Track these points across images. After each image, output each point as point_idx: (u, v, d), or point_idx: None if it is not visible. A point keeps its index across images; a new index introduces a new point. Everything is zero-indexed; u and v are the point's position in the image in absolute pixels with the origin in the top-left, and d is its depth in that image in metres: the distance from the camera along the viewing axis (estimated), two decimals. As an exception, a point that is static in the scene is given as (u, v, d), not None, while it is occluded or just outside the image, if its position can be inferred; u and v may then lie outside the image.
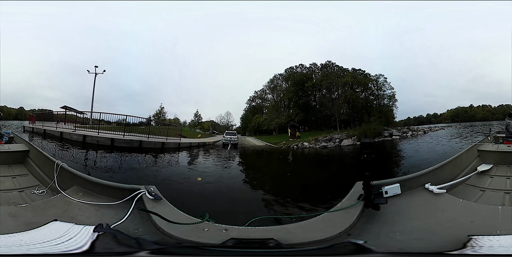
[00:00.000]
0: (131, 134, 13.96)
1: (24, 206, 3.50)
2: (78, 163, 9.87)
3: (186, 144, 16.86)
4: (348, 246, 2.55)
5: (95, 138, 12.82)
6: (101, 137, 12.90)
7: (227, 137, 19.34)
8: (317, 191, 7.53)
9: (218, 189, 7.89)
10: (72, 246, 2.16)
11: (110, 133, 13.54)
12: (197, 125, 29.22)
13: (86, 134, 13.01)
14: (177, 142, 16.05)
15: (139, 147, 13.11)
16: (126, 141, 12.97)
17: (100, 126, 13.99)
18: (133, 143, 13.06)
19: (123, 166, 10.46)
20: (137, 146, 13.08)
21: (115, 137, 13.03)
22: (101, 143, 12.63)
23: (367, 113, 23.55)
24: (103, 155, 11.52)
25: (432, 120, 29.75)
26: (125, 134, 13.68)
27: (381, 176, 4.05)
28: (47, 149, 11.16)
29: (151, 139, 14.28)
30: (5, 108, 25.15)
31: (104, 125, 14.69)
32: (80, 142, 12.71)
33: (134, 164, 10.91)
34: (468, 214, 3.28)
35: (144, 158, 12.03)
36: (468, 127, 24.12)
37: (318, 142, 19.20)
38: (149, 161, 11.76)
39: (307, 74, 26.41)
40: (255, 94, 29.32)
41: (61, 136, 13.44)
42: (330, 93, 24.24)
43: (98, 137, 12.89)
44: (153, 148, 13.59)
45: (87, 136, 12.89)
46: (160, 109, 27.43)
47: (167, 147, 14.47)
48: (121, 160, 11.18)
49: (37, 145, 10.06)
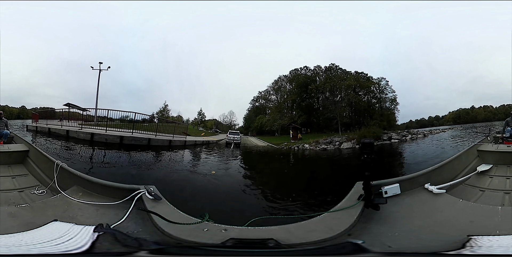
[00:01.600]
0: (139, 132, 13.90)
1: (24, 206, 3.50)
2: (102, 166, 9.38)
3: (191, 142, 17.05)
4: (347, 246, 2.55)
5: (103, 136, 12.44)
6: (110, 135, 12.56)
7: (231, 136, 19.67)
8: (316, 189, 7.87)
9: (223, 183, 8.76)
10: (72, 246, 2.17)
11: (118, 131, 13.23)
12: (200, 123, 29.16)
13: (94, 132, 12.60)
14: (183, 139, 16.24)
15: (147, 144, 13.03)
16: (135, 139, 12.82)
17: (108, 124, 13.61)
18: (142, 141, 12.97)
19: (146, 164, 10.61)
20: (145, 143, 13.00)
21: (124, 134, 12.84)
22: (109, 141, 12.29)
23: (369, 116, 23.57)
24: (118, 155, 11.21)
25: (434, 122, 29.68)
26: (134, 131, 13.56)
27: (381, 176, 4.06)
28: (52, 150, 10.78)
29: (159, 136, 14.30)
30: (7, 107, 25.13)
31: (111, 123, 14.43)
32: (88, 140, 12.33)
33: (150, 161, 11.11)
34: (467, 214, 3.28)
35: (158, 155, 12.31)
36: (468, 129, 24.06)
37: (319, 144, 19.45)
38: (167, 158, 12.15)
39: (311, 77, 26.47)
40: (259, 94, 29.40)
41: (67, 135, 12.99)
42: (333, 96, 24.29)
43: (106, 135, 12.53)
44: (161, 146, 13.64)
45: (95, 134, 12.47)
46: (164, 106, 27.27)
47: (174, 145, 14.65)
48: (140, 158, 11.30)
49: (43, 145, 10.05)
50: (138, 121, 15.70)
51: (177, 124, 18.73)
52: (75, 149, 11.54)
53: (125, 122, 14.64)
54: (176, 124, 18.34)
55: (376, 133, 19.63)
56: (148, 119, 16.15)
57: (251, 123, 28.99)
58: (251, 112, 29.74)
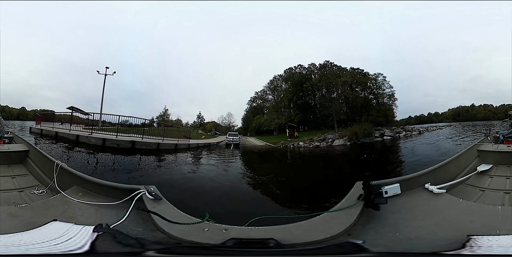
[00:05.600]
0: (147, 137, 14.06)
1: (23, 206, 3.49)
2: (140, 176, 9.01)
3: (194, 144, 17.70)
4: (347, 246, 2.55)
5: (115, 141, 12.28)
6: (121, 140, 12.48)
7: (230, 137, 20.55)
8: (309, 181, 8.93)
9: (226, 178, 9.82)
10: (72, 246, 2.16)
11: (128, 136, 13.23)
12: (199, 126, 29.35)
13: (105, 137, 12.37)
14: (187, 143, 16.83)
15: (156, 149, 13.24)
16: (146, 143, 12.97)
17: (121, 129, 13.70)
18: (152, 145, 13.15)
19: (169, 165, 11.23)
20: (155, 148, 13.21)
21: (135, 139, 12.90)
22: (121, 146, 12.20)
23: (367, 112, 23.55)
24: (135, 159, 11.22)
25: (434, 119, 29.73)
26: (144, 136, 13.72)
27: (381, 176, 4.06)
28: (79, 159, 9.99)
29: (166, 140, 14.67)
30: (7, 108, 25.15)
31: (112, 128, 14.53)
32: (99, 146, 11.98)
33: (172, 165, 11.45)
34: (467, 214, 3.28)
35: (175, 158, 12.83)
36: (465, 126, 23.96)
37: (312, 141, 20.08)
38: (180, 161, 12.63)
39: (305, 75, 26.55)
40: (256, 95, 29.50)
41: (77, 140, 12.50)
42: (329, 93, 24.32)
43: (118, 140, 12.41)
44: (168, 149, 14.02)
45: (107, 139, 12.25)
46: (164, 111, 27.64)
47: (179, 148, 15.11)
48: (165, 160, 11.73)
49: (73, 160, 9.82)
50: (138, 125, 15.96)
51: (180, 129, 19.58)
52: (105, 160, 10.85)
53: (125, 127, 14.79)
54: (180, 129, 19.19)
55: (367, 130, 19.77)
56: (148, 124, 16.25)
57: (250, 124, 29.19)
58: (249, 113, 29.96)
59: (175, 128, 19.03)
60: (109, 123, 15.32)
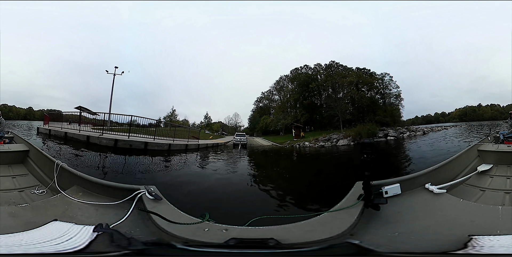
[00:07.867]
0: (159, 137, 14.07)
1: (24, 206, 3.50)
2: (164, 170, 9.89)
3: (203, 145, 17.98)
4: (347, 246, 2.55)
5: (127, 142, 12.06)
6: (134, 141, 12.33)
7: (237, 137, 21.14)
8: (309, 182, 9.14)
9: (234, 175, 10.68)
10: (71, 246, 2.16)
11: (141, 136, 13.09)
12: (206, 127, 29.42)
13: (117, 138, 12.06)
14: (196, 143, 17.06)
15: (168, 149, 13.28)
16: (158, 144, 12.95)
17: (131, 129, 13.30)
18: (163, 146, 13.18)
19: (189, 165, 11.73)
20: (166, 148, 13.26)
21: (147, 140, 12.82)
22: (134, 147, 12.03)
23: (373, 112, 23.48)
24: (147, 160, 11.18)
25: (440, 119, 29.59)
26: (155, 137, 13.70)
27: (381, 176, 4.05)
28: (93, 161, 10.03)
29: (176, 141, 14.77)
30: (14, 108, 25.18)
31: (120, 128, 14.39)
32: (111, 147, 11.71)
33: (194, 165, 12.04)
34: (468, 214, 3.27)
35: (187, 157, 13.19)
36: (470, 127, 23.77)
37: (318, 141, 20.33)
38: (191, 160, 12.96)
39: (311, 75, 26.55)
40: (262, 95, 29.57)
41: (88, 141, 12.17)
42: (335, 93, 24.31)
43: (131, 141, 12.24)
44: (179, 150, 14.14)
45: (119, 140, 11.95)
46: (172, 112, 27.66)
47: (189, 148, 15.33)
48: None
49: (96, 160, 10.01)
50: (145, 126, 15.93)
51: (190, 130, 19.98)
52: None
53: (134, 127, 14.70)
54: (189, 130, 19.59)
55: (371, 130, 19.84)
56: (154, 124, 16.24)
57: (256, 124, 29.31)
58: (256, 113, 30.01)
59: (184, 129, 19.15)
60: (116, 123, 15.15)
